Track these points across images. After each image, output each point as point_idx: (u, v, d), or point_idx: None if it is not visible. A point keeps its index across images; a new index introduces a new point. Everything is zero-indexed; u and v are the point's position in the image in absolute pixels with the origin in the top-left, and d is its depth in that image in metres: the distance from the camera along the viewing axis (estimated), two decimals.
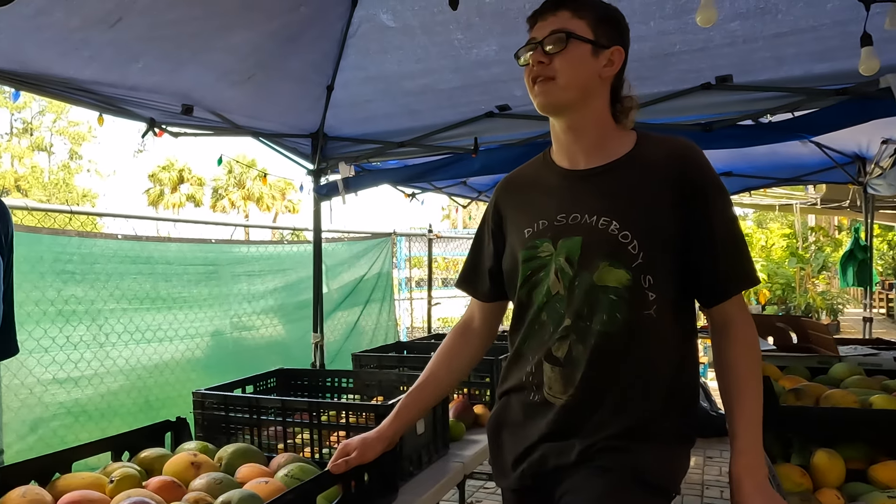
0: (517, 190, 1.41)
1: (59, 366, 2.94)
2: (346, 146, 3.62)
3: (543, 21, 1.27)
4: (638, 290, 1.20)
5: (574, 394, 1.22)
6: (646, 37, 2.53)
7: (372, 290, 5.48)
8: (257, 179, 31.89)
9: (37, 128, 32.74)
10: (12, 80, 2.25)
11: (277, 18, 2.59)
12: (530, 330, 1.31)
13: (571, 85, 1.24)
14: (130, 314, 3.29)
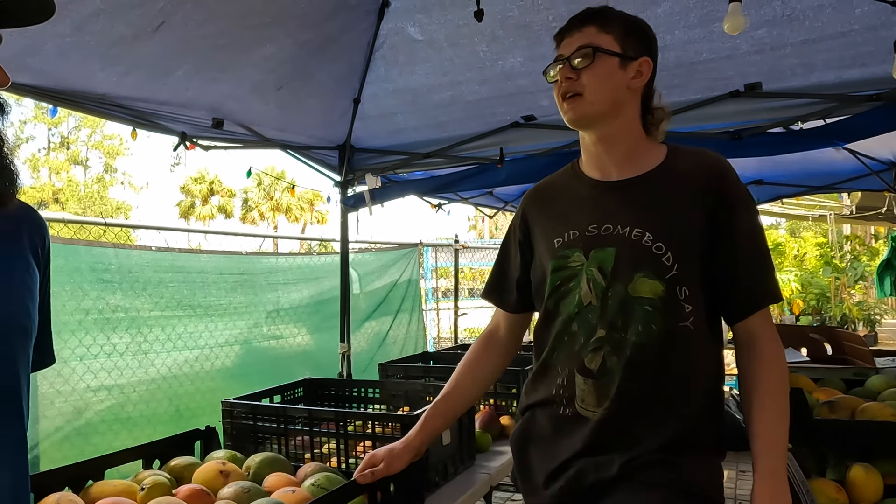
0: (546, 200, 1.41)
1: (94, 374, 3.00)
2: (373, 158, 3.65)
3: (570, 37, 1.28)
4: (673, 302, 1.19)
5: (609, 407, 1.21)
6: (671, 46, 2.52)
7: (401, 300, 5.50)
8: (286, 191, 32.29)
9: (73, 142, 33.64)
10: (50, 96, 2.31)
11: (305, 33, 2.63)
12: (559, 341, 1.29)
13: (600, 99, 1.25)
14: (162, 324, 3.35)
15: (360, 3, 2.67)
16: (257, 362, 3.84)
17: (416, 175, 3.92)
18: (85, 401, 2.93)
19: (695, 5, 2.39)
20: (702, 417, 1.21)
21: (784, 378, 1.22)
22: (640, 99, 1.31)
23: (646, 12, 2.42)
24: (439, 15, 2.70)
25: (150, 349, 3.18)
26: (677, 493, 1.17)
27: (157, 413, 3.20)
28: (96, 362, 3.02)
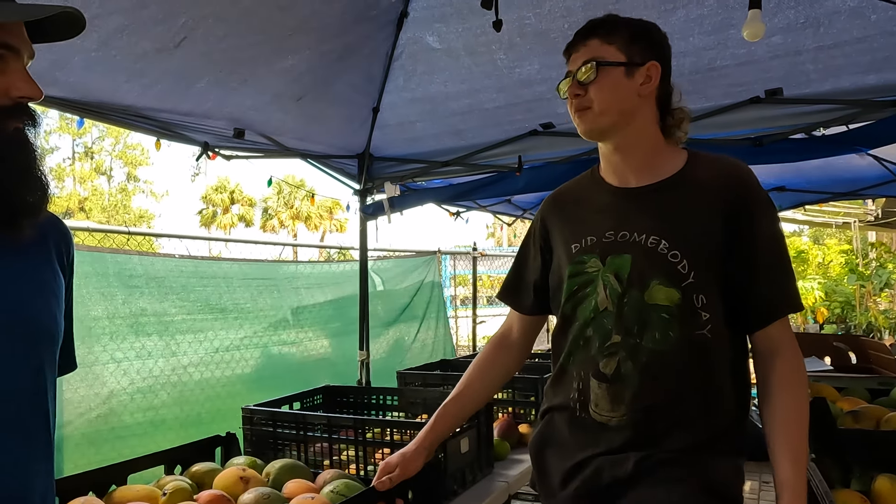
0: (565, 206, 1.42)
1: (117, 380, 3.05)
2: (392, 166, 3.67)
3: (576, 52, 1.30)
4: (690, 309, 1.19)
5: (625, 413, 1.21)
6: (686, 52, 2.52)
7: (426, 306, 5.50)
8: (306, 199, 32.54)
9: (97, 152, 34.24)
10: (77, 108, 2.37)
11: (325, 44, 2.66)
12: (575, 345, 1.30)
13: (608, 110, 1.25)
14: (184, 330, 3.39)
15: (379, 14, 2.70)
16: (277, 369, 3.87)
17: (434, 183, 3.94)
18: (108, 405, 2.98)
19: (710, 12, 2.39)
20: (721, 426, 1.20)
21: (804, 389, 1.20)
22: (656, 102, 1.30)
23: (661, 19, 2.42)
24: (457, 24, 2.72)
25: (162, 357, 3.22)
26: (695, 489, 1.16)
27: (178, 419, 3.24)
28: (119, 368, 3.06)
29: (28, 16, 0.87)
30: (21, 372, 0.90)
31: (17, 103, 0.86)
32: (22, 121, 0.87)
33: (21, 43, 0.87)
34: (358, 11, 2.62)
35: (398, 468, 1.49)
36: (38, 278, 0.95)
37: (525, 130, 3.17)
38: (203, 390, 3.38)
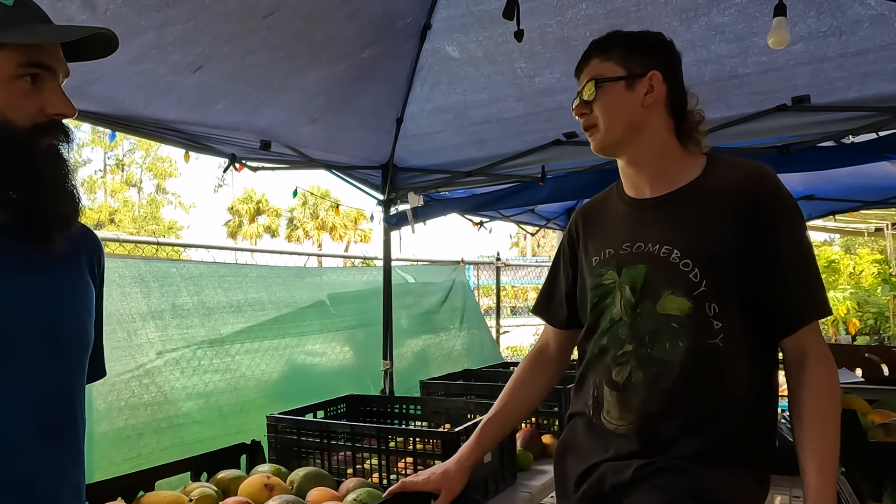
0: (591, 218, 1.44)
1: (145, 389, 3.10)
2: (415, 176, 3.69)
3: (581, 73, 1.34)
4: (701, 319, 1.18)
5: (634, 421, 1.22)
6: (707, 60, 2.50)
7: (454, 314, 5.48)
8: (330, 210, 32.82)
9: (128, 164, 34.97)
10: (109, 121, 2.43)
11: (350, 57, 2.70)
12: (592, 354, 1.32)
13: (613, 126, 1.27)
14: (211, 339, 3.44)
15: (403, 27, 2.73)
16: (301, 378, 3.90)
17: (457, 193, 3.95)
18: (138, 412, 3.02)
19: (731, 21, 2.37)
20: (730, 436, 1.18)
21: (834, 396, 1.17)
22: (667, 110, 1.29)
23: (682, 27, 2.41)
24: (478, 33, 2.74)
25: (188, 366, 3.26)
26: (685, 496, 1.15)
27: (203, 425, 3.27)
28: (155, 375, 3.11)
29: (64, 37, 0.90)
30: (54, 380, 0.93)
31: (51, 120, 0.90)
32: (56, 137, 0.91)
33: (57, 62, 0.90)
34: (382, 25, 2.65)
35: (443, 492, 1.44)
36: (70, 289, 0.98)
37: (548, 140, 3.17)
38: (228, 400, 3.42)
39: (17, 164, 0.87)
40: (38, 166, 0.88)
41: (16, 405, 0.87)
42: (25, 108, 0.87)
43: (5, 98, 0.85)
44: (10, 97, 0.86)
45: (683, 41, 2.45)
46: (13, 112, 0.86)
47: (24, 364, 0.88)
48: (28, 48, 0.86)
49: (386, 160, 3.61)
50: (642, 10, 2.38)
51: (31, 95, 0.87)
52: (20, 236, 0.90)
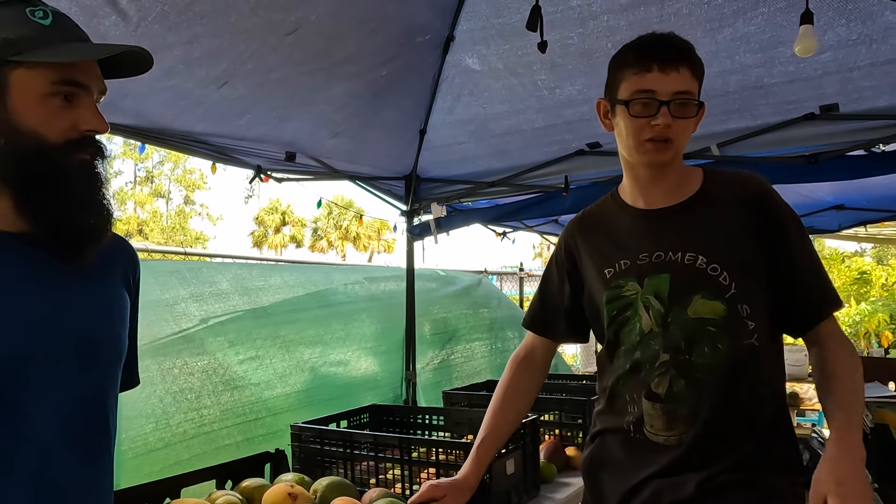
0: (591, 231, 1.42)
1: (173, 397, 3.14)
2: (438, 187, 3.71)
3: (664, 74, 1.19)
4: (737, 320, 1.20)
5: (684, 431, 1.20)
6: (731, 70, 2.48)
7: (478, 324, 5.44)
8: (354, 220, 33.04)
9: (157, 176, 35.63)
10: (139, 134, 2.49)
11: (374, 70, 2.73)
12: (623, 369, 1.30)
13: (683, 146, 1.28)
14: (237, 348, 3.47)
15: (426, 40, 2.76)
16: (324, 387, 3.91)
17: (480, 203, 3.96)
18: (164, 420, 3.06)
19: (757, 30, 2.35)
20: (776, 433, 1.22)
21: (858, 362, 1.22)
22: None
23: (707, 38, 2.39)
24: (499, 45, 2.75)
25: (214, 373, 3.30)
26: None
27: (229, 433, 3.30)
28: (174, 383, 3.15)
29: (94, 55, 0.93)
30: (87, 389, 0.95)
31: (84, 136, 0.92)
32: (88, 152, 0.93)
33: (92, 80, 0.93)
34: (405, 39, 2.68)
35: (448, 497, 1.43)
36: (103, 299, 1.01)
37: (571, 150, 3.17)
38: (252, 409, 3.45)
39: (49, 179, 0.89)
40: (68, 181, 0.91)
41: (50, 413, 0.89)
42: (58, 124, 0.89)
43: (39, 115, 0.88)
44: (43, 114, 0.88)
45: (708, 52, 2.44)
46: (46, 128, 0.88)
47: (59, 373, 0.90)
48: (62, 66, 0.89)
49: (409, 171, 3.63)
50: (665, 22, 2.37)
51: (65, 112, 0.90)
52: (54, 248, 0.93)
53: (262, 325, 3.59)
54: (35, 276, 0.91)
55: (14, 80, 0.87)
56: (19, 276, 0.90)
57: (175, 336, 3.12)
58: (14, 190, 0.89)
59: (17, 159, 0.87)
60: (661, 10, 2.37)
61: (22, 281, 0.90)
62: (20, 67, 0.87)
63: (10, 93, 0.87)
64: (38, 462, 0.87)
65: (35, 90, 0.88)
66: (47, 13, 0.90)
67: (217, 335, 3.33)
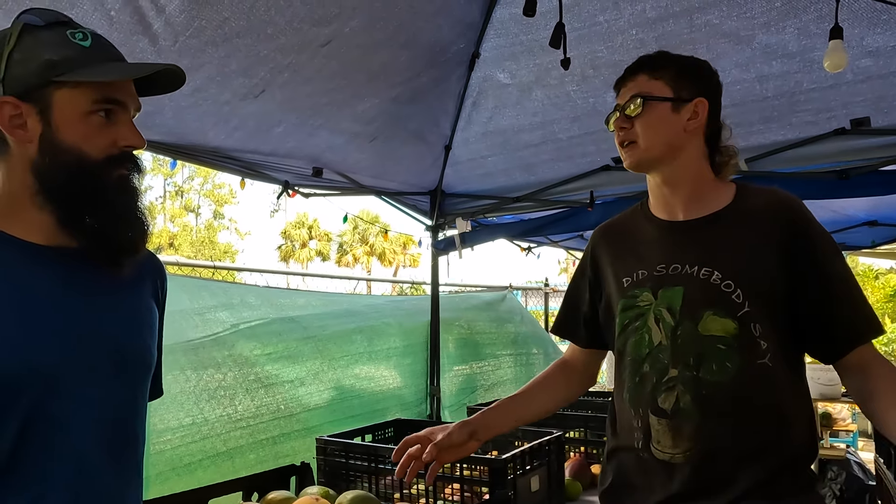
0: (614, 239, 1.42)
1: (200, 409, 3.17)
2: (463, 202, 3.72)
3: (625, 87, 1.32)
4: (748, 339, 1.17)
5: (689, 448, 1.18)
6: (768, 76, 2.44)
7: (503, 340, 5.43)
8: (380, 235, 33.21)
9: (187, 191, 36.28)
10: (170, 150, 2.55)
11: (400, 86, 2.76)
12: (631, 382, 1.28)
13: (653, 145, 1.27)
14: (263, 362, 3.51)
15: (451, 57, 2.78)
16: (349, 401, 3.93)
17: (505, 219, 3.96)
18: (190, 432, 3.10)
19: (792, 38, 2.32)
20: (794, 454, 1.18)
21: None
22: (704, 138, 1.30)
23: (740, 46, 2.38)
24: (527, 60, 2.76)
25: (240, 387, 3.33)
26: None
27: (252, 447, 3.33)
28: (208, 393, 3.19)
29: (134, 74, 0.97)
30: (119, 400, 0.97)
31: (123, 152, 0.96)
32: (127, 168, 0.97)
33: (128, 97, 0.96)
34: (431, 56, 2.71)
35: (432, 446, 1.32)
36: (135, 311, 1.03)
37: (596, 165, 3.16)
38: (278, 422, 3.47)
39: (91, 194, 0.93)
40: (109, 195, 0.94)
41: (84, 422, 0.91)
42: (99, 141, 0.93)
43: (81, 132, 0.92)
44: (85, 131, 0.92)
45: (735, 62, 2.42)
46: (88, 145, 0.92)
47: (93, 384, 0.92)
48: (102, 85, 0.92)
49: (434, 186, 3.65)
50: (696, 31, 2.36)
51: (105, 129, 0.94)
52: (92, 260, 0.96)
53: (284, 337, 3.62)
54: (72, 290, 0.94)
55: (57, 99, 0.90)
56: (57, 289, 0.93)
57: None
58: (57, 205, 0.92)
59: (62, 175, 0.91)
60: (691, 23, 2.36)
61: (59, 294, 0.93)
62: (63, 87, 0.90)
63: (54, 112, 0.90)
64: (73, 470, 0.89)
65: (77, 109, 0.91)
66: (87, 35, 0.94)
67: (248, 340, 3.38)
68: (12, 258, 0.91)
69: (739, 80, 2.46)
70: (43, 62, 0.89)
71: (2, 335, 0.85)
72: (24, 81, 0.89)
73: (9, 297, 0.88)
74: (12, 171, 0.92)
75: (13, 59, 0.89)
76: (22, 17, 0.92)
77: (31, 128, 0.90)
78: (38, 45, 0.90)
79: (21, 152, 0.91)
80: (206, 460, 2.94)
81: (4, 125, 0.90)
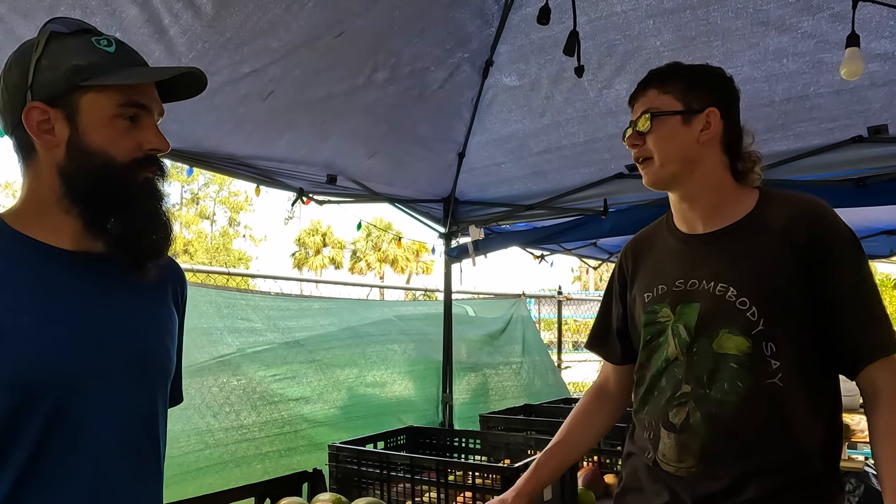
0: (641, 252, 1.42)
1: (214, 414, 3.19)
2: (476, 210, 3.72)
3: (637, 102, 1.31)
4: (760, 358, 1.15)
5: (694, 464, 1.18)
6: (779, 76, 2.41)
7: (514, 348, 5.42)
8: (392, 242, 33.28)
9: (203, 198, 36.60)
10: (187, 157, 2.57)
11: (413, 94, 2.77)
12: (649, 395, 1.29)
13: (668, 160, 1.25)
14: (275, 369, 3.52)
15: (466, 63, 2.79)
16: (361, 408, 3.93)
17: (518, 226, 3.96)
18: (204, 439, 3.11)
19: (797, 41, 2.29)
20: (803, 471, 1.15)
21: None
22: (723, 147, 1.28)
23: (752, 49, 2.36)
24: (539, 58, 2.74)
25: (254, 392, 3.34)
26: None
27: (266, 454, 3.33)
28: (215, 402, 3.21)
29: (158, 76, 0.98)
30: (139, 404, 0.98)
31: (147, 155, 0.97)
32: (152, 171, 0.98)
33: (152, 101, 0.98)
34: (445, 63, 2.72)
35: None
36: (157, 316, 1.04)
37: (610, 173, 3.15)
38: (291, 428, 3.48)
39: (117, 196, 0.94)
40: (135, 198, 0.96)
41: (106, 425, 0.92)
42: (125, 144, 0.95)
43: (107, 136, 0.93)
44: (111, 135, 0.93)
45: (749, 61, 2.39)
46: (114, 148, 0.94)
47: (115, 387, 0.93)
48: (127, 89, 0.94)
49: (447, 193, 3.66)
50: (712, 24, 2.34)
51: (130, 133, 0.95)
52: (115, 264, 0.97)
53: (300, 345, 3.63)
54: (95, 294, 0.95)
55: (84, 103, 0.92)
56: (80, 293, 0.94)
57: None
58: (84, 207, 0.93)
59: (88, 178, 0.92)
60: (708, 15, 2.32)
61: (83, 298, 0.94)
62: (90, 92, 0.92)
63: (81, 116, 0.92)
64: (94, 472, 0.90)
65: (104, 112, 0.93)
66: (111, 41, 0.96)
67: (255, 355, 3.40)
68: (37, 262, 0.92)
69: (755, 78, 2.42)
70: (70, 67, 0.91)
71: (26, 339, 0.86)
72: (51, 87, 0.91)
73: (33, 302, 0.89)
74: (39, 176, 0.94)
75: (41, 66, 0.91)
76: (48, 26, 0.94)
77: (59, 132, 0.92)
78: (65, 51, 0.92)
79: (48, 157, 0.93)
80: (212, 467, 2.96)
81: (33, 130, 0.91)
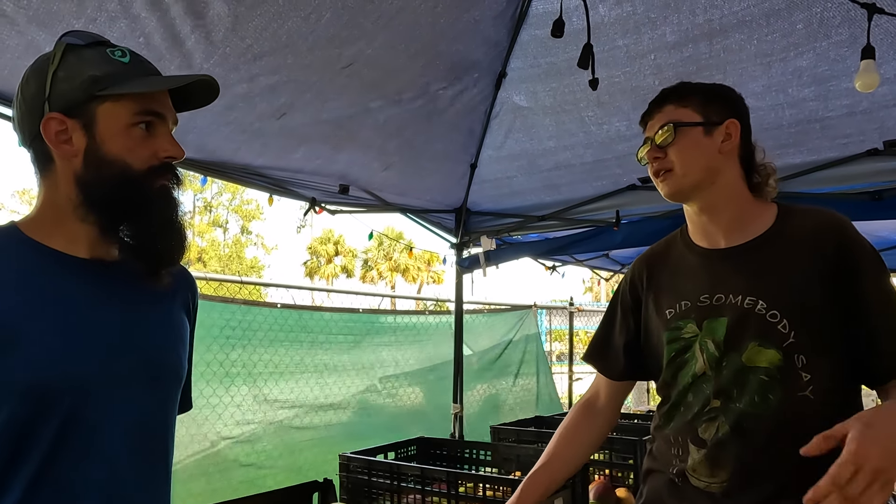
0: (656, 268, 1.40)
1: (224, 423, 3.20)
2: (488, 220, 3.72)
3: (652, 119, 1.31)
4: (791, 371, 1.14)
5: (726, 479, 1.16)
6: (784, 104, 2.42)
7: (523, 360, 5.42)
8: (404, 252, 33.35)
9: (215, 207, 36.87)
10: (201, 167, 2.60)
11: (426, 105, 2.78)
12: (675, 411, 1.27)
13: (691, 170, 1.25)
14: (286, 378, 3.53)
15: (479, 76, 2.80)
16: (372, 419, 3.93)
17: (530, 237, 3.95)
18: (215, 448, 3.12)
19: (811, 64, 2.29)
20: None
21: None
22: (739, 160, 1.28)
23: (759, 73, 2.36)
24: (546, 84, 2.76)
25: (265, 401, 3.35)
26: None
27: (276, 464, 3.34)
28: (227, 412, 3.22)
29: (173, 84, 1.00)
30: (151, 410, 0.99)
31: (163, 163, 0.98)
32: (167, 178, 0.99)
33: (167, 110, 1.00)
34: (459, 74, 2.73)
35: None
36: (169, 322, 1.06)
37: (622, 185, 3.15)
38: (302, 437, 3.48)
39: (134, 203, 0.96)
40: (151, 205, 0.97)
41: (117, 431, 0.93)
42: (141, 152, 0.96)
43: (124, 144, 0.95)
44: (128, 143, 0.95)
45: (761, 86, 2.40)
46: (131, 156, 0.95)
47: (126, 393, 0.94)
48: (142, 98, 0.95)
49: (459, 204, 3.66)
50: (715, 57, 2.35)
51: (146, 141, 0.97)
52: (129, 271, 0.99)
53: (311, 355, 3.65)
54: (109, 302, 0.96)
55: (101, 113, 0.94)
56: (95, 301, 0.95)
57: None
58: (100, 215, 0.95)
59: (106, 186, 0.94)
60: (711, 48, 2.35)
61: (97, 306, 0.95)
62: (106, 101, 0.94)
63: (98, 125, 0.94)
64: (106, 477, 0.91)
65: (120, 121, 0.94)
66: (125, 52, 0.97)
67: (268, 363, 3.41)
68: (52, 270, 0.93)
69: (759, 108, 2.42)
70: (87, 78, 0.93)
71: (41, 346, 0.88)
72: (68, 97, 0.93)
73: (48, 309, 0.90)
74: (56, 185, 0.95)
75: (58, 77, 0.93)
76: (64, 39, 0.95)
77: (76, 142, 0.93)
78: (81, 62, 0.93)
79: (66, 167, 0.94)
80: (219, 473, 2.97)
81: (51, 140, 0.93)
